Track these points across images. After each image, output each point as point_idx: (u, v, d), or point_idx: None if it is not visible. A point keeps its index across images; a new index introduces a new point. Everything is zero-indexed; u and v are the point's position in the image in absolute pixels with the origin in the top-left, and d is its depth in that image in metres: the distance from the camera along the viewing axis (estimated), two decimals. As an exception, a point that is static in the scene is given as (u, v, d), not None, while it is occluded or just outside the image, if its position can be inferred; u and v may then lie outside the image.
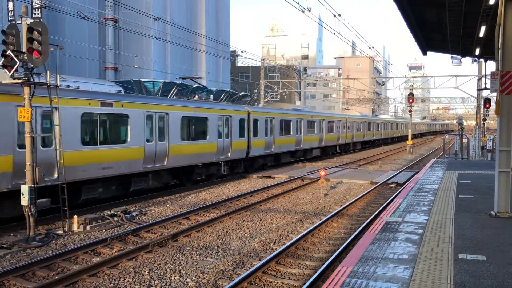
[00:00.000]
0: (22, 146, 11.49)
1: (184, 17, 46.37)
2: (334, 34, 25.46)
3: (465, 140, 32.06)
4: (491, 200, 11.15)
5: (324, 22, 25.25)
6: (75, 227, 11.95)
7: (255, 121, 23.90)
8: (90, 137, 14.08)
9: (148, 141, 16.18)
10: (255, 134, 23.76)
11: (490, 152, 30.52)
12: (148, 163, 16.14)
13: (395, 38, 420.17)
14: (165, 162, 17.03)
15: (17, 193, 11.05)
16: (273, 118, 26.03)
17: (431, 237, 8.60)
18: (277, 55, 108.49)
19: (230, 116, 21.46)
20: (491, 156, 29.52)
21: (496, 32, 10.52)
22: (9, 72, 10.42)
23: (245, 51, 38.57)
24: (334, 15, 22.84)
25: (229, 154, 21.40)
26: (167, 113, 17.14)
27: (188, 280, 8.33)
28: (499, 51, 10.37)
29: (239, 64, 72.31)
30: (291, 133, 28.40)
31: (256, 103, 50.41)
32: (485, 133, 37.41)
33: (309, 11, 19.76)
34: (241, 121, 22.53)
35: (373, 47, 32.57)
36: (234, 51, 59.60)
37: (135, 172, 15.71)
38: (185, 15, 47.58)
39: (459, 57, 23.38)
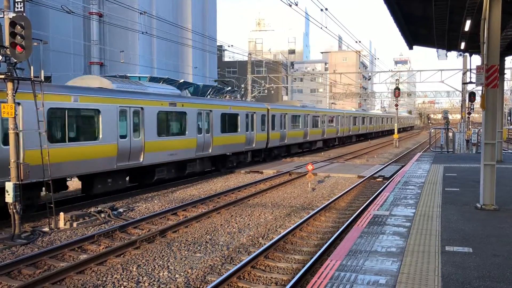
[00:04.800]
0: (122, 137, 15.35)
1: (170, 11, 45.95)
2: (321, 28, 25.48)
3: (450, 134, 32.40)
4: (476, 192, 11.29)
5: (311, 16, 25.24)
6: (61, 224, 11.82)
7: (273, 116, 27.48)
8: (162, 130, 17.46)
9: (199, 133, 19.57)
10: (273, 128, 27.46)
11: (475, 146, 30.90)
12: (199, 151, 19.70)
13: (381, 33, 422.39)
14: (210, 151, 20.59)
15: (118, 172, 15.58)
16: (286, 114, 29.57)
17: (418, 230, 8.68)
18: (264, 49, 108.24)
19: (254, 113, 25.04)
20: (476, 149, 29.89)
21: (481, 27, 10.60)
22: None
23: (232, 45, 38.56)
24: (321, 9, 22.82)
25: (254, 145, 25.01)
26: (211, 111, 20.67)
27: (177, 276, 8.29)
28: (484, 45, 10.46)
29: (226, 58, 71.99)
30: (300, 126, 32.24)
31: (243, 98, 50.28)
32: (470, 126, 37.82)
33: (296, 5, 19.74)
34: (262, 116, 26.13)
35: (359, 42, 32.67)
36: (221, 46, 59.29)
37: (189, 158, 19.28)
38: (171, 9, 47.15)
39: (444, 51, 23.53)
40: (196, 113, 19.41)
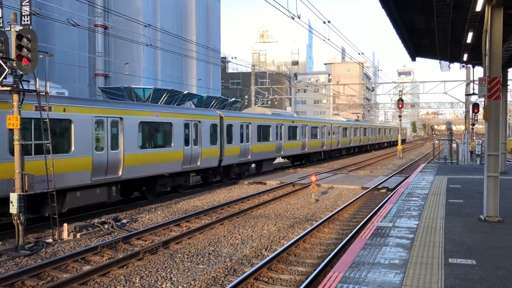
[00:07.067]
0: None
1: (174, 24, 46.36)
2: (324, 40, 25.63)
3: (454, 145, 32.32)
4: (480, 204, 11.25)
5: (314, 29, 25.45)
6: (65, 235, 11.84)
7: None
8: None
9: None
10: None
11: (479, 157, 30.78)
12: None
13: (384, 44, 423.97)
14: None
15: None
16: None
17: (422, 241, 8.65)
18: (268, 61, 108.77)
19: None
20: (480, 160, 29.76)
21: (483, 39, 10.66)
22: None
23: (235, 57, 38.82)
24: (324, 22, 22.98)
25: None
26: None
27: (180, 287, 8.29)
28: (487, 57, 10.50)
29: (230, 70, 72.36)
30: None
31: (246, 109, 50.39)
32: (474, 137, 37.72)
33: (299, 17, 19.89)
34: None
35: (362, 53, 32.82)
36: (225, 58, 59.69)
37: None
38: (176, 21, 47.57)
39: (447, 62, 23.62)
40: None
